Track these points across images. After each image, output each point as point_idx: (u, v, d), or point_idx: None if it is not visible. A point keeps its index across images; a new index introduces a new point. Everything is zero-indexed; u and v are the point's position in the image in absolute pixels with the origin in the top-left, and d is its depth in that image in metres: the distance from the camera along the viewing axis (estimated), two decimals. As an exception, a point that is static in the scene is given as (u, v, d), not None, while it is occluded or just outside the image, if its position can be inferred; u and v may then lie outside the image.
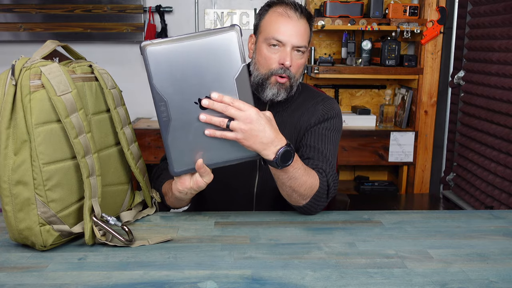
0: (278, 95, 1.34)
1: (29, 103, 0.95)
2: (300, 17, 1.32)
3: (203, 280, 0.90)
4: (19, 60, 0.97)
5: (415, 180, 3.05)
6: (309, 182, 1.19)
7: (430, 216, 1.27)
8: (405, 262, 0.99)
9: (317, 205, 1.25)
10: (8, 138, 0.95)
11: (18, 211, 0.97)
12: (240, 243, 1.08)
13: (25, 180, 0.96)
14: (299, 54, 1.33)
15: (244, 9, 3.12)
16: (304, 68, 1.40)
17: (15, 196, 0.96)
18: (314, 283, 0.89)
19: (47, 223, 0.99)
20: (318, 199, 1.23)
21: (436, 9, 2.86)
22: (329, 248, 1.05)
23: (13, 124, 0.95)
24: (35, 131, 0.95)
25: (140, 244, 1.05)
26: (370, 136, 2.92)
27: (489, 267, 0.97)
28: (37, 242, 0.99)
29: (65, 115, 0.97)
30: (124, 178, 1.19)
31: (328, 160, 1.33)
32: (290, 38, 1.31)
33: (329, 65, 2.88)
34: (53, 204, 0.99)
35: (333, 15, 2.82)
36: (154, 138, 2.79)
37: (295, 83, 1.37)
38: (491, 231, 1.18)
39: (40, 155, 0.96)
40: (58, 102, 0.96)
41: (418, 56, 2.96)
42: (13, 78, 0.94)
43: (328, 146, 1.36)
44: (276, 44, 1.31)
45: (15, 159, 0.95)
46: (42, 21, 3.02)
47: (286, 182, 1.17)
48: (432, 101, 2.97)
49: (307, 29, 1.34)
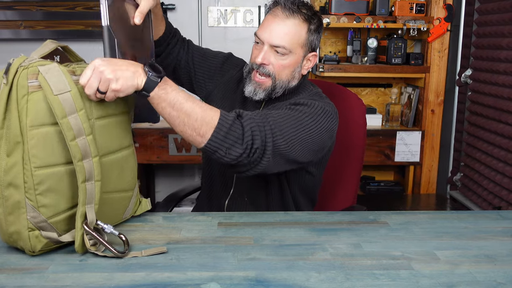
0: (255, 93, 1.37)
1: (26, 104, 0.92)
2: (288, 17, 1.31)
3: (206, 282, 0.89)
4: (16, 59, 0.94)
5: (422, 180, 3.03)
6: (199, 110, 1.09)
7: (437, 217, 1.26)
8: (411, 263, 0.98)
9: (225, 147, 1.11)
10: (1, 138, 0.93)
11: (9, 214, 0.95)
12: (244, 244, 1.07)
13: (16, 182, 0.94)
14: (279, 54, 1.32)
15: (248, 7, 3.10)
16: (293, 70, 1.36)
17: (6, 198, 0.94)
18: (319, 284, 0.89)
19: (37, 229, 0.96)
20: (221, 138, 1.10)
21: (443, 7, 2.83)
22: (334, 249, 1.04)
23: (7, 125, 0.93)
24: (29, 134, 0.92)
25: (132, 255, 0.99)
26: (376, 135, 2.90)
27: (497, 268, 0.96)
28: (26, 247, 0.97)
29: (62, 116, 0.92)
30: (127, 185, 1.14)
31: (265, 117, 1.19)
32: (268, 36, 1.32)
33: (335, 63, 2.86)
34: (43, 209, 0.96)
35: (339, 12, 2.80)
36: (156, 138, 2.78)
37: (279, 84, 1.36)
38: (499, 232, 1.16)
39: (32, 158, 0.93)
40: (55, 102, 0.92)
41: (425, 54, 2.94)
42: (5, 77, 0.92)
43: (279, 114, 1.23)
44: (258, 42, 1.35)
45: (8, 161, 0.93)
46: (42, 18, 2.99)
47: (172, 112, 1.07)
48: (439, 100, 2.95)
49: (295, 30, 1.32)
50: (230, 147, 1.12)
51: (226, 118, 1.12)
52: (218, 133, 1.10)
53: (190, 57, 1.51)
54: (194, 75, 1.53)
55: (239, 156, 1.13)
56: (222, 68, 1.55)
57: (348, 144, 1.63)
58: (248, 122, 1.14)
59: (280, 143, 1.19)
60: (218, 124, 1.10)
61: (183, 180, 3.28)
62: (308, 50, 1.38)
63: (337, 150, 1.50)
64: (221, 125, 1.10)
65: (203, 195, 1.56)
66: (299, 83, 1.41)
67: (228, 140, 1.11)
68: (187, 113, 1.08)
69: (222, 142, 1.11)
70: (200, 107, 1.10)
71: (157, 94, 1.05)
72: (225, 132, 1.11)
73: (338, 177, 1.66)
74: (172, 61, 1.49)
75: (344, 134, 1.58)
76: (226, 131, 1.11)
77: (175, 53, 1.48)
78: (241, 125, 1.13)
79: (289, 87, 1.38)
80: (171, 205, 1.64)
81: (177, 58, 1.49)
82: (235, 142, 1.12)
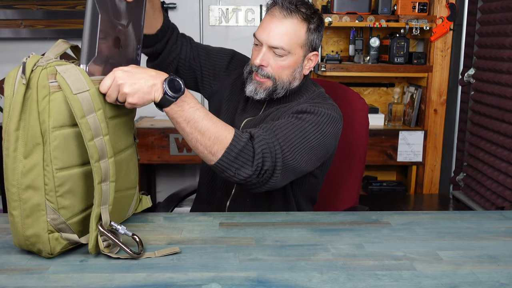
0: (256, 93, 1.35)
1: (48, 104, 0.90)
2: (286, 17, 1.29)
3: (207, 283, 0.88)
4: (30, 58, 0.91)
5: (424, 180, 3.02)
6: (213, 129, 1.09)
7: (440, 217, 1.25)
8: (414, 264, 0.97)
9: (234, 167, 1.12)
10: (17, 140, 0.90)
11: (26, 217, 0.93)
12: (245, 244, 1.06)
13: (36, 185, 0.92)
14: (278, 55, 1.31)
15: (250, 6, 3.09)
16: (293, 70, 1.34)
17: (24, 201, 0.92)
18: (321, 285, 0.88)
19: (56, 231, 0.95)
20: (232, 158, 1.11)
21: (445, 6, 2.82)
22: (337, 250, 1.04)
23: (23, 125, 0.90)
24: (52, 135, 0.91)
25: (146, 256, 0.99)
26: (378, 135, 2.89)
27: (500, 269, 0.96)
28: (45, 249, 0.95)
29: (81, 115, 0.90)
30: (132, 183, 1.14)
31: (274, 133, 1.19)
32: (266, 38, 1.30)
33: (337, 62, 2.85)
34: (63, 211, 0.95)
35: (341, 11, 2.80)
36: (157, 138, 2.78)
37: (280, 85, 1.34)
38: (502, 232, 1.16)
39: (54, 160, 0.91)
40: (74, 101, 0.89)
41: (427, 53, 2.93)
42: (23, 77, 0.89)
43: (286, 126, 1.22)
44: (257, 43, 1.34)
45: (25, 163, 0.91)
46: (43, 17, 2.98)
47: (186, 128, 1.08)
48: (442, 99, 2.94)
49: (293, 30, 1.30)
50: (239, 168, 1.13)
51: (239, 139, 1.12)
52: (229, 153, 1.11)
53: (196, 54, 1.48)
54: (200, 74, 1.50)
55: (248, 177, 1.14)
56: (228, 67, 1.52)
57: (350, 144, 1.63)
58: (260, 144, 1.15)
59: (289, 159, 1.20)
60: (230, 145, 1.11)
61: (184, 180, 3.28)
62: (309, 49, 1.35)
63: (340, 150, 1.49)
64: (233, 146, 1.11)
65: (203, 196, 1.54)
66: (301, 83, 1.40)
67: (238, 161, 1.12)
68: (201, 131, 1.09)
69: (232, 163, 1.12)
70: (215, 126, 1.10)
71: (173, 110, 1.06)
72: (236, 153, 1.11)
73: (340, 177, 1.65)
74: (174, 59, 1.45)
75: (347, 134, 1.58)
76: (237, 152, 1.11)
77: (177, 50, 1.44)
78: (252, 147, 1.14)
79: (291, 87, 1.37)
80: (172, 205, 1.63)
81: (179, 57, 1.45)
82: (245, 164, 1.13)
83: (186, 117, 1.07)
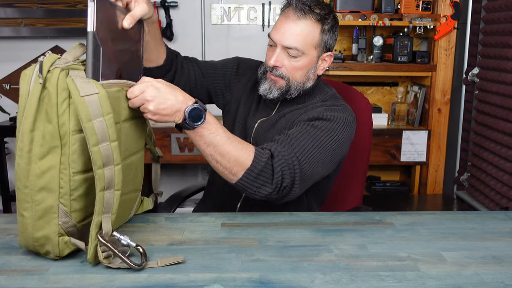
0: (270, 92, 1.36)
1: (68, 107, 0.89)
2: (300, 18, 1.29)
3: (209, 284, 0.88)
4: (47, 57, 0.89)
5: (428, 180, 3.00)
6: (234, 153, 1.12)
7: (444, 217, 1.24)
8: (417, 264, 0.97)
9: (255, 186, 1.14)
10: (31, 141, 0.89)
11: (38, 219, 0.92)
12: (247, 245, 1.05)
13: (50, 187, 0.90)
14: (292, 56, 1.31)
15: (252, 4, 3.08)
16: (307, 71, 1.35)
17: (36, 202, 0.91)
18: (324, 286, 0.88)
19: (66, 234, 0.94)
20: (252, 178, 1.14)
21: (449, 4, 2.81)
22: (339, 250, 1.03)
23: (38, 126, 0.89)
24: (72, 138, 0.89)
25: (149, 266, 0.94)
26: (382, 135, 2.88)
27: (504, 270, 0.95)
28: (53, 251, 0.94)
29: (87, 119, 0.87)
30: (138, 185, 1.13)
31: (291, 146, 1.20)
32: (281, 38, 1.31)
33: (340, 61, 2.85)
34: (75, 215, 0.94)
35: (344, 10, 2.78)
36: (159, 138, 2.77)
37: (294, 86, 1.35)
38: (506, 232, 1.15)
39: (72, 164, 0.90)
40: (80, 104, 0.86)
41: (431, 52, 2.92)
42: (41, 76, 0.87)
43: (302, 136, 1.23)
44: (272, 44, 1.34)
45: (40, 165, 0.90)
46: (43, 16, 2.97)
47: (206, 150, 1.11)
48: (446, 99, 2.93)
49: (307, 31, 1.30)
50: (260, 186, 1.15)
51: (260, 160, 1.14)
52: (249, 174, 1.14)
53: (204, 72, 1.50)
54: (213, 88, 1.51)
55: (268, 194, 1.17)
56: (238, 73, 1.53)
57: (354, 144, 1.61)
58: (279, 163, 1.16)
59: (306, 170, 1.21)
60: (250, 166, 1.13)
61: (185, 180, 3.27)
62: (323, 50, 1.35)
63: (343, 150, 1.49)
64: (254, 167, 1.13)
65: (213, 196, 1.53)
66: (314, 83, 1.40)
67: (259, 181, 1.15)
68: (222, 154, 1.11)
69: (252, 183, 1.15)
70: (236, 149, 1.12)
71: (191, 135, 1.11)
72: (257, 174, 1.14)
73: (344, 177, 1.64)
74: (185, 84, 1.46)
75: (350, 134, 1.57)
76: (257, 172, 1.14)
77: (186, 75, 1.46)
78: (271, 166, 1.16)
79: (304, 88, 1.37)
80: (174, 206, 1.62)
81: (189, 79, 1.47)
82: (265, 182, 1.15)
83: (206, 141, 1.11)
